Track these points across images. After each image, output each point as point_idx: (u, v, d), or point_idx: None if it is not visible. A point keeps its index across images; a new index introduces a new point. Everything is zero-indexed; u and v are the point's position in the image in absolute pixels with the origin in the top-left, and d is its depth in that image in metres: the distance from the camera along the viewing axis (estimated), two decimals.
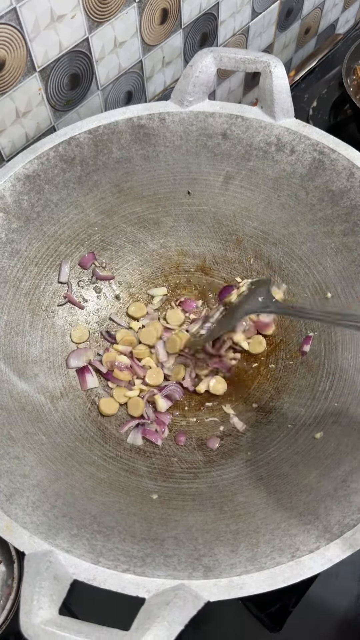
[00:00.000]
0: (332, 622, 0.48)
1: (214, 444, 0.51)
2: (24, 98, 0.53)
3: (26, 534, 0.36)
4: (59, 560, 0.35)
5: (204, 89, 0.55)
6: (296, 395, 0.51)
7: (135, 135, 0.55)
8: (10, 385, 0.47)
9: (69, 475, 0.44)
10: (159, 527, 0.40)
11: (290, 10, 0.79)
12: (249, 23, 0.73)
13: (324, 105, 0.78)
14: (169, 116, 0.55)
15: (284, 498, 0.41)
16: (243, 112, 0.55)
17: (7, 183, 0.51)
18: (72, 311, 0.57)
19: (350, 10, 0.95)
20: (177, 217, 0.60)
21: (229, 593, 0.34)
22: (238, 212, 0.59)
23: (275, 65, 0.53)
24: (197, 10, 0.64)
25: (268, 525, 0.38)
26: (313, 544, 0.36)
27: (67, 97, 0.58)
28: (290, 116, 0.55)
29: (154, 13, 0.59)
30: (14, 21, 0.47)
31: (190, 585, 0.34)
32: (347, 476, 0.40)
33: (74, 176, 0.55)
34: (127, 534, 0.38)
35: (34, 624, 0.31)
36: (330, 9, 0.89)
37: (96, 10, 0.53)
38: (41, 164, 0.52)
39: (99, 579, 0.35)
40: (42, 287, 0.54)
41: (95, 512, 0.40)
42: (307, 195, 0.55)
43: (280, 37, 0.82)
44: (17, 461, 0.42)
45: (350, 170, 0.52)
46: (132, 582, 0.34)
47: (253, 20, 0.74)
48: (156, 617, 0.31)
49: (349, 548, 0.35)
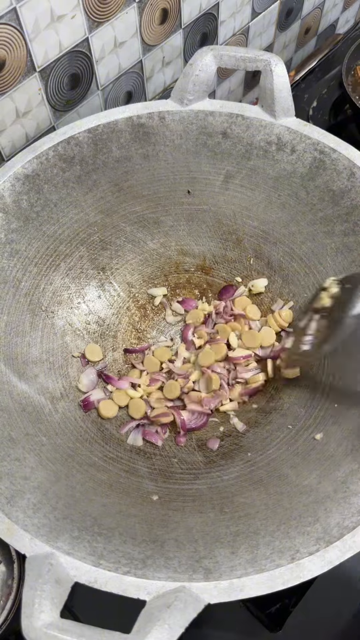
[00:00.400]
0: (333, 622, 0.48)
1: (214, 445, 0.51)
2: (24, 98, 0.53)
3: (27, 537, 0.36)
4: (60, 563, 0.35)
5: (204, 87, 0.55)
6: (296, 396, 0.51)
7: (134, 134, 0.55)
8: (10, 386, 0.47)
9: (70, 476, 0.44)
10: (160, 528, 0.40)
11: (290, 10, 0.79)
12: (249, 23, 0.73)
13: (324, 105, 0.78)
14: (168, 115, 0.55)
15: (283, 499, 0.41)
16: (243, 111, 0.55)
17: (6, 183, 0.51)
18: (72, 311, 0.57)
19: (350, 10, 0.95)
20: (177, 217, 0.60)
21: (229, 595, 0.34)
22: (238, 212, 0.59)
23: (276, 64, 0.52)
24: (197, 10, 0.64)
25: (268, 527, 0.39)
26: (313, 546, 0.36)
27: (67, 97, 0.57)
28: (291, 115, 0.54)
29: (154, 13, 0.59)
30: (14, 21, 0.47)
31: (190, 587, 0.34)
32: (347, 478, 0.40)
33: (73, 175, 0.54)
34: (128, 535, 0.39)
35: (36, 628, 0.31)
36: (330, 8, 0.88)
37: (96, 10, 0.53)
38: (40, 164, 0.52)
39: (100, 582, 0.35)
40: (41, 287, 0.54)
41: (96, 514, 0.40)
42: (308, 194, 0.55)
43: (280, 37, 0.82)
44: (17, 463, 0.42)
45: (351, 169, 0.51)
46: (133, 585, 0.35)
47: (253, 20, 0.73)
48: (157, 620, 0.31)
49: (349, 550, 0.36)
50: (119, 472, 0.47)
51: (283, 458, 0.46)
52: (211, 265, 0.61)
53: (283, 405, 0.52)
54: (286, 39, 0.84)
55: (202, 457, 0.50)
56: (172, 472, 0.48)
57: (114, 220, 0.58)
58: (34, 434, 0.46)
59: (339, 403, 0.47)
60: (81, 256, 0.57)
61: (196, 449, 0.51)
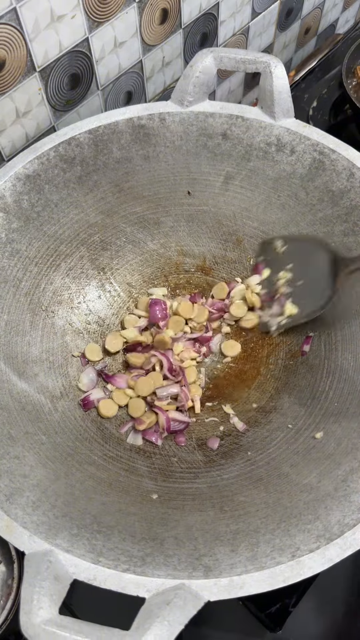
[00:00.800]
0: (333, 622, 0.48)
1: (214, 444, 0.51)
2: (24, 98, 0.53)
3: (26, 534, 0.36)
4: (59, 560, 0.35)
5: (204, 89, 0.55)
6: (296, 395, 0.51)
7: (135, 135, 0.55)
8: (10, 385, 0.47)
9: (69, 475, 0.44)
10: (159, 526, 0.40)
11: (290, 10, 0.79)
12: (249, 23, 0.73)
13: (324, 105, 0.78)
14: (169, 116, 0.55)
15: (283, 498, 0.41)
16: (243, 112, 0.55)
17: (7, 183, 0.51)
18: (73, 311, 0.57)
19: (350, 10, 0.95)
20: (177, 217, 0.60)
21: (229, 593, 0.34)
22: (238, 213, 0.59)
23: (275, 66, 0.53)
24: (197, 10, 0.64)
25: (268, 525, 0.38)
26: (313, 544, 0.36)
27: (67, 97, 0.58)
28: (291, 116, 0.55)
29: (154, 13, 0.59)
30: (14, 21, 0.47)
31: (190, 585, 0.34)
32: (347, 476, 0.40)
33: (74, 176, 0.55)
34: (127, 533, 0.38)
35: (34, 624, 0.31)
36: (330, 8, 0.89)
37: (96, 10, 0.53)
38: (41, 164, 0.52)
39: (99, 579, 0.35)
40: (42, 287, 0.54)
41: (95, 512, 0.40)
42: (307, 195, 0.55)
43: (280, 37, 0.83)
44: (17, 461, 0.42)
45: (350, 170, 0.52)
46: (132, 582, 0.34)
47: (253, 20, 0.74)
48: (156, 616, 0.31)
49: (349, 547, 0.35)
50: (118, 471, 0.47)
51: (283, 457, 0.46)
52: (211, 266, 0.62)
53: (283, 404, 0.52)
54: (286, 39, 0.84)
55: (202, 456, 0.50)
56: (171, 471, 0.48)
57: (114, 221, 0.59)
58: (34, 433, 0.46)
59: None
60: (81, 256, 0.57)
61: (196, 448, 0.51)
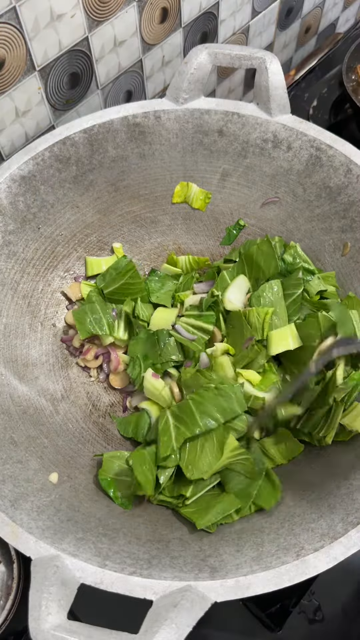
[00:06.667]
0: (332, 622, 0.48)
1: None
2: (23, 97, 0.53)
3: (32, 539, 0.36)
4: (65, 565, 0.35)
5: (199, 86, 0.55)
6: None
7: (130, 133, 0.55)
8: (11, 388, 0.47)
9: (73, 477, 0.44)
10: (164, 528, 0.40)
11: (290, 9, 0.79)
12: (249, 22, 0.73)
13: (325, 104, 0.78)
14: (164, 114, 0.55)
15: (286, 497, 0.41)
16: (239, 108, 0.55)
17: (2, 184, 0.50)
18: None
19: (351, 9, 0.94)
20: (174, 216, 0.60)
21: (236, 593, 0.34)
22: (235, 210, 0.59)
23: (270, 61, 0.52)
24: (197, 9, 0.64)
25: (272, 525, 0.39)
26: (317, 542, 0.36)
27: (67, 96, 0.57)
28: (287, 112, 0.54)
29: (153, 12, 0.59)
30: (14, 20, 0.47)
31: (197, 586, 0.34)
32: (350, 473, 0.41)
33: (69, 176, 0.54)
34: (133, 536, 0.39)
35: (43, 630, 0.31)
36: (330, 8, 0.88)
37: (96, 9, 0.53)
38: (36, 165, 0.52)
39: (106, 583, 0.35)
40: (40, 288, 0.54)
41: (100, 515, 0.40)
42: (305, 191, 0.55)
43: (281, 36, 0.82)
44: (20, 465, 0.42)
45: (348, 166, 0.52)
46: (139, 585, 0.35)
47: (253, 19, 0.73)
48: (164, 619, 0.31)
49: (354, 546, 0.36)
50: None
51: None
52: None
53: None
54: (286, 38, 0.84)
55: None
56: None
57: (111, 220, 0.58)
58: (36, 436, 0.46)
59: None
60: (79, 257, 0.57)
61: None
